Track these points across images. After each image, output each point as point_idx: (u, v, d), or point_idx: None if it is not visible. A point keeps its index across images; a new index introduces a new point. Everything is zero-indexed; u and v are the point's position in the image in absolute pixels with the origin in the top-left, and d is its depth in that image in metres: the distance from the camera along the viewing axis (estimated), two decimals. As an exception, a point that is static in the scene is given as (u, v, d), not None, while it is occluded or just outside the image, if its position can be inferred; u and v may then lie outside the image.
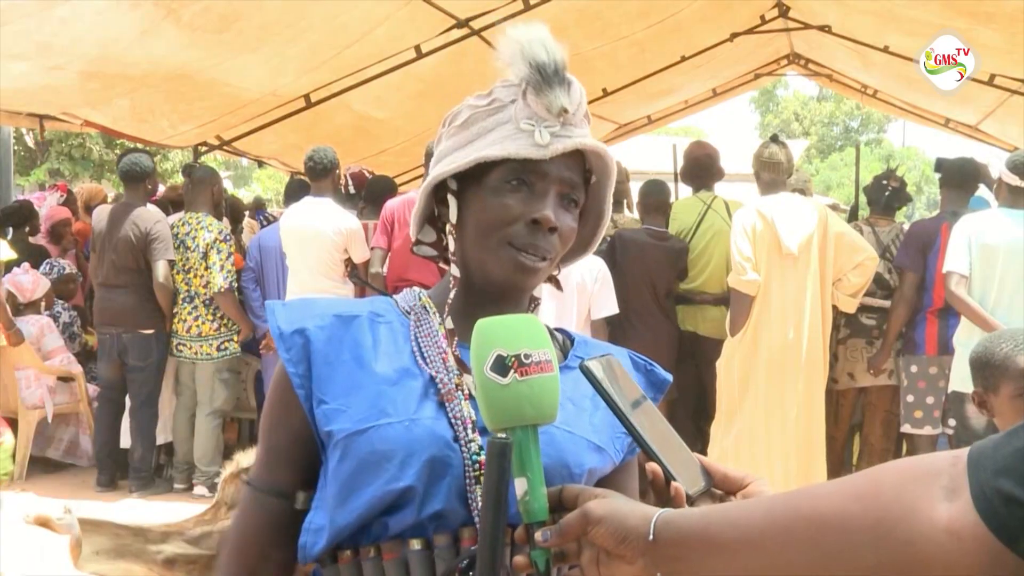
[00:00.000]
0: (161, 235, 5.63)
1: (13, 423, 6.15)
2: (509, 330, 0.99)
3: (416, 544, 1.12)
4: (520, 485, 0.97)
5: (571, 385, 1.16)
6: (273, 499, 1.21)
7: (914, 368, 5.10)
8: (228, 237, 5.76)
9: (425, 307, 1.24)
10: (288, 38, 5.51)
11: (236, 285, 5.82)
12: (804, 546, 0.80)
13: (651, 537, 0.88)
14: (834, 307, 4.85)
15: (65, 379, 6.36)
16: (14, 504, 5.55)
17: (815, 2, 7.32)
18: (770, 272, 4.70)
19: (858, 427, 5.69)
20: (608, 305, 4.70)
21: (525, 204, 1.16)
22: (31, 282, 6.38)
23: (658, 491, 1.00)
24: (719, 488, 1.05)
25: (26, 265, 6.44)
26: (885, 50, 7.12)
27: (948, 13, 5.64)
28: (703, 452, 2.83)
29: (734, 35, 7.69)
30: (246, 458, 1.34)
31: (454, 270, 1.22)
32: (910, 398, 5.13)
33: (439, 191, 1.23)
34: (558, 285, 1.28)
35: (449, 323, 1.21)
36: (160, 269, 5.62)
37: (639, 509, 0.92)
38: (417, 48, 6.27)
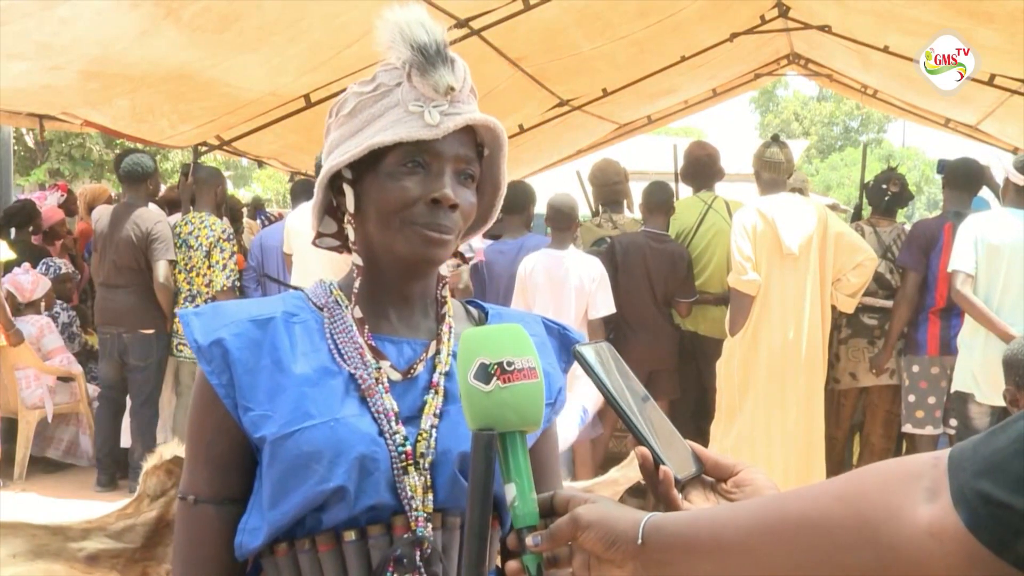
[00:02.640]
0: (162, 235, 5.64)
1: (13, 423, 6.15)
2: (492, 340, 0.99)
3: (350, 535, 1.13)
4: (509, 491, 0.97)
5: None
6: (227, 507, 1.20)
7: (916, 368, 5.10)
8: (231, 236, 5.79)
9: (337, 301, 1.24)
10: (288, 38, 5.50)
11: (238, 284, 5.84)
12: (790, 549, 0.80)
13: (640, 541, 0.89)
14: (833, 307, 4.86)
15: (65, 379, 6.36)
16: (14, 504, 5.55)
17: (815, 2, 7.30)
18: (770, 272, 4.70)
19: (859, 427, 5.69)
20: (605, 305, 4.73)
21: (423, 185, 1.17)
22: (31, 282, 6.38)
23: (647, 475, 1.01)
24: (710, 475, 1.05)
25: (26, 265, 6.45)
26: (885, 50, 7.11)
27: (948, 13, 5.63)
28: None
29: (734, 35, 7.67)
30: (168, 450, 1.32)
31: (356, 259, 1.24)
32: (911, 398, 5.13)
33: (335, 181, 1.23)
34: (464, 260, 1.30)
35: (357, 312, 1.22)
36: (160, 269, 5.63)
37: (628, 514, 0.92)
38: (417, 48, 6.26)
